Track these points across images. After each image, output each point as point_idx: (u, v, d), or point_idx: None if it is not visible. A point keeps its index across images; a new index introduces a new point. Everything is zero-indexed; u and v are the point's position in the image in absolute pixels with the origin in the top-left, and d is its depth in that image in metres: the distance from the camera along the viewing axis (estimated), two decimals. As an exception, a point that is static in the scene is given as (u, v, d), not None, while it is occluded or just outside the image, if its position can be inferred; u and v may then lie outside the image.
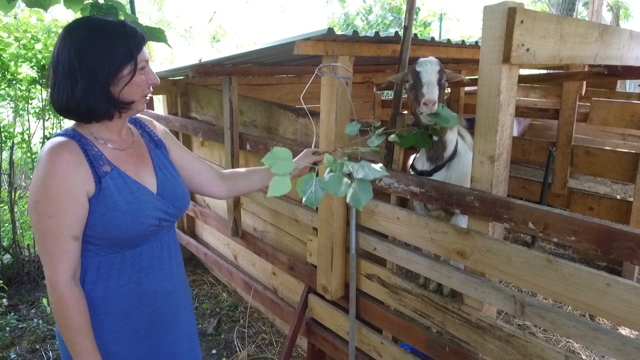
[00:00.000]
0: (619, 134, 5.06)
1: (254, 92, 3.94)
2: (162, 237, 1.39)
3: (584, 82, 3.52)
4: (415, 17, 1.94)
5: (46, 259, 1.19)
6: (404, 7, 8.60)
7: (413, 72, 1.77)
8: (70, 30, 1.21)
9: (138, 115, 1.43)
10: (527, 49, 1.51)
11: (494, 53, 1.49)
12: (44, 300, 3.24)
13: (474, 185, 1.63)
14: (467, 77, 4.69)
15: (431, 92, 1.71)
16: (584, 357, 2.19)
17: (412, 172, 2.03)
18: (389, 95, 7.11)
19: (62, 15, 3.99)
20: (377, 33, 1.89)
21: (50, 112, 3.31)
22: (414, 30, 1.89)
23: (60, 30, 3.27)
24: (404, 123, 1.92)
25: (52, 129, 3.37)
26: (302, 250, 2.70)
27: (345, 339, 2.28)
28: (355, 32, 1.80)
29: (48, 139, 3.37)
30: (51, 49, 3.11)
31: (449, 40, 2.31)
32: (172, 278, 1.43)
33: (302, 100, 1.99)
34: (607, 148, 3.51)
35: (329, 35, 1.80)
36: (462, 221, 1.86)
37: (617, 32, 2.10)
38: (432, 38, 2.20)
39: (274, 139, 2.71)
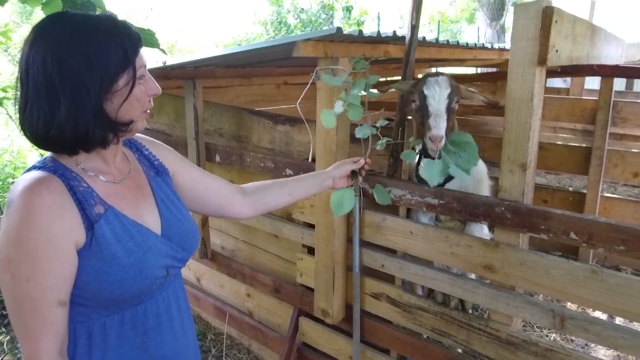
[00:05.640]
0: (550, 127, 5.39)
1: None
2: (169, 288, 1.12)
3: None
4: (419, 15, 1.80)
5: (24, 333, 0.90)
6: (337, 5, 8.56)
7: (419, 92, 1.60)
8: (44, 30, 0.91)
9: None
10: (557, 51, 1.44)
11: (527, 55, 1.40)
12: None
13: (503, 195, 1.54)
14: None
15: (438, 126, 1.53)
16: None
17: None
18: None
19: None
20: (378, 33, 1.73)
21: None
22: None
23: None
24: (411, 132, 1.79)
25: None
26: (283, 269, 2.47)
27: (347, 363, 2.11)
28: (360, 31, 1.63)
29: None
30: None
31: (448, 41, 2.22)
32: (183, 336, 1.16)
33: (298, 108, 1.79)
34: (560, 143, 3.67)
35: (328, 36, 1.61)
36: (477, 230, 1.77)
37: (597, 31, 2.13)
38: (428, 39, 2.08)
39: (246, 148, 2.46)
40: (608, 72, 2.83)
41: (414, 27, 1.68)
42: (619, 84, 3.93)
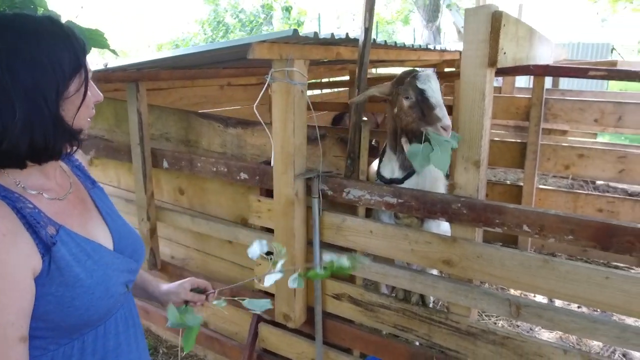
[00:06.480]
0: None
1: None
2: (125, 304, 1.07)
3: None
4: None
5: None
6: (275, 5, 8.49)
7: (414, 88, 1.65)
8: None
9: None
10: (505, 53, 1.51)
11: (478, 57, 1.45)
12: None
13: (458, 192, 1.59)
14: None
15: (446, 115, 1.61)
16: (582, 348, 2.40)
17: (378, 181, 1.92)
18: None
19: None
20: (332, 35, 1.73)
21: None
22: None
23: None
24: (368, 130, 1.80)
25: None
26: (240, 275, 2.42)
27: (309, 366, 2.10)
28: (315, 33, 1.62)
29: None
30: None
31: (396, 42, 2.27)
32: (137, 350, 1.11)
33: (255, 110, 1.75)
34: (497, 139, 3.86)
35: (283, 38, 1.59)
36: (434, 226, 1.82)
37: (534, 33, 2.26)
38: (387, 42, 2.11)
39: (195, 152, 2.38)
40: (541, 72, 3.02)
41: (368, 30, 1.69)
42: (547, 82, 4.21)
